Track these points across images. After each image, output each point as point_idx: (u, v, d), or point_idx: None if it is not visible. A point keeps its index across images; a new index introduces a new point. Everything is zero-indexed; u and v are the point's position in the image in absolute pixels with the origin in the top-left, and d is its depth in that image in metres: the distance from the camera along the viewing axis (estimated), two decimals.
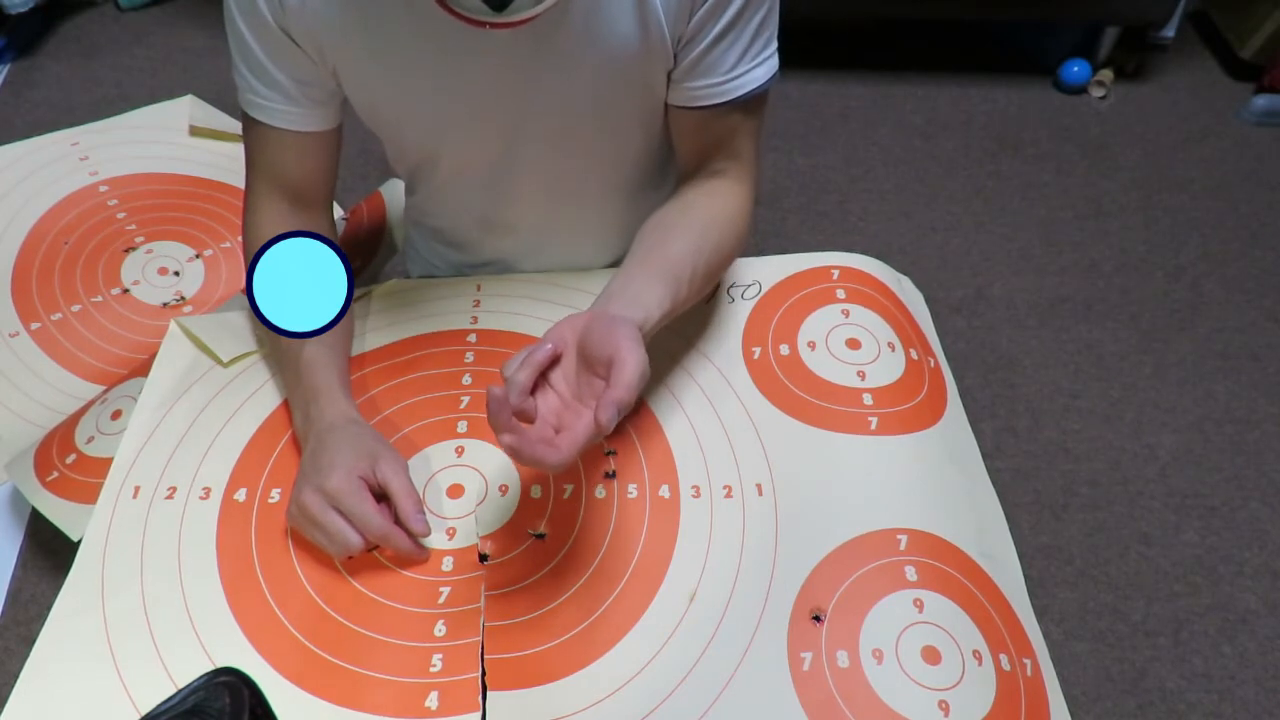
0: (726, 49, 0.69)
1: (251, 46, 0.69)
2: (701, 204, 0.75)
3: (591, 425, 0.54)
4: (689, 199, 0.76)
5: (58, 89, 2.08)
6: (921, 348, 0.84)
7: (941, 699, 0.59)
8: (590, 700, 0.59)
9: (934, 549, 0.67)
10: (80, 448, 0.90)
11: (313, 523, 0.63)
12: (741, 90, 0.71)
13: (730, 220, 0.76)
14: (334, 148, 0.79)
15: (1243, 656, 1.18)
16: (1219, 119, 2.12)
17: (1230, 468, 1.40)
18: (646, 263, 0.68)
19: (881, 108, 2.13)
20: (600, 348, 0.57)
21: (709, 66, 0.70)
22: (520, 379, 0.55)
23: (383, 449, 0.67)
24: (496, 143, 0.77)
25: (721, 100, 0.72)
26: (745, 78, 0.71)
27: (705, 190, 0.76)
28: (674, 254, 0.69)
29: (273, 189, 0.78)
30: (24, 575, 1.14)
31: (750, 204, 0.78)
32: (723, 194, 0.76)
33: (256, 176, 0.78)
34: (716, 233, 0.74)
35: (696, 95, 0.72)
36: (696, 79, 0.71)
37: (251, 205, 0.78)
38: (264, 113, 0.73)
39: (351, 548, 0.63)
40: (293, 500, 0.65)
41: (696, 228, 0.73)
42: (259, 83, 0.71)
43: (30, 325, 1.15)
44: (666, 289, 0.66)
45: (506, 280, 0.89)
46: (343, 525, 0.63)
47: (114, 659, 0.60)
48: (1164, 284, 1.72)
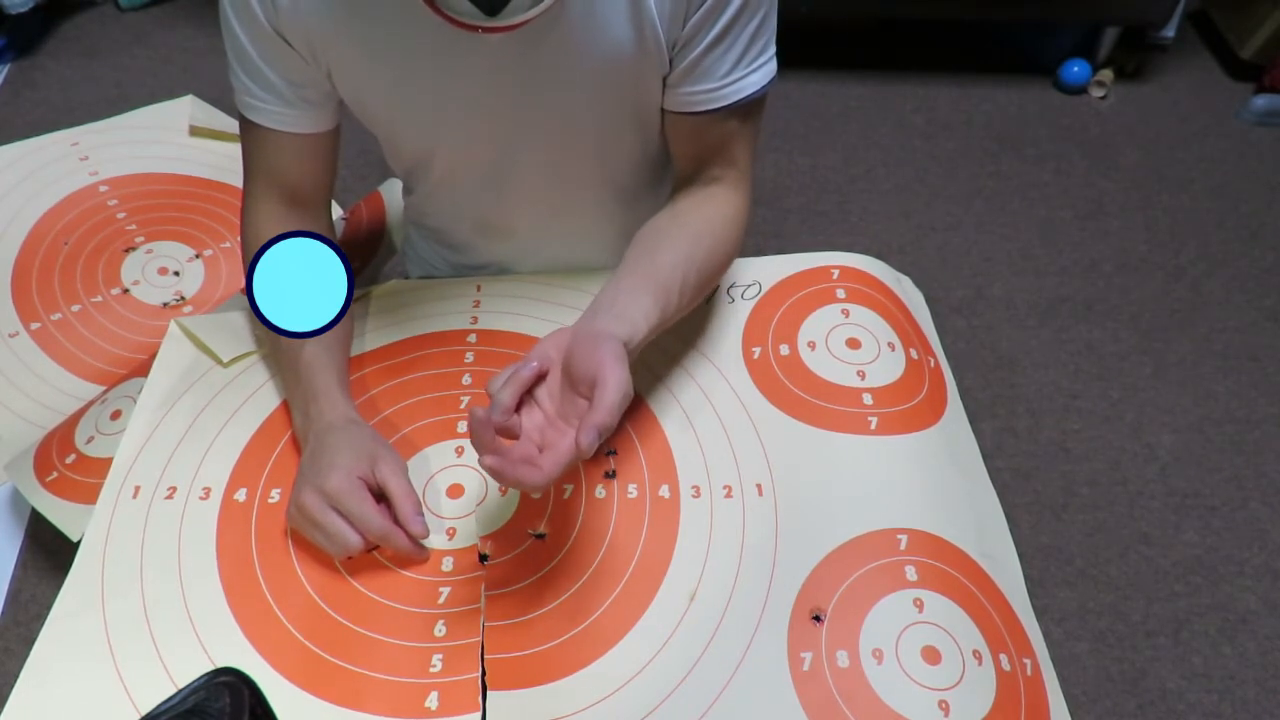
0: (722, 54, 0.69)
1: (246, 49, 0.69)
2: (694, 212, 0.75)
3: (573, 448, 0.54)
4: (681, 207, 0.76)
5: (58, 89, 2.08)
6: (922, 347, 0.84)
7: (941, 699, 0.59)
8: (590, 700, 0.59)
9: (934, 549, 0.67)
10: (80, 448, 0.90)
11: (312, 523, 0.63)
12: (737, 96, 0.71)
13: (724, 226, 0.75)
14: (331, 149, 0.79)
15: (1243, 656, 1.18)
16: (1219, 119, 2.12)
17: (1230, 468, 1.40)
18: (635, 273, 0.68)
19: (881, 108, 2.13)
20: (584, 366, 0.57)
21: (705, 72, 0.70)
22: (504, 398, 0.55)
23: (382, 450, 0.67)
24: (491, 145, 0.77)
25: (717, 106, 0.71)
26: (741, 83, 0.71)
27: (699, 198, 0.76)
28: (664, 264, 0.69)
29: (270, 190, 0.77)
30: (24, 575, 1.14)
31: (745, 211, 0.78)
32: (717, 201, 0.76)
33: (254, 177, 0.78)
34: (709, 240, 0.73)
35: (692, 101, 0.72)
36: (692, 84, 0.71)
37: (249, 206, 0.78)
38: (260, 115, 0.73)
39: (351, 548, 0.63)
40: (292, 501, 0.65)
41: (688, 236, 0.72)
42: (255, 85, 0.71)
43: (30, 325, 1.15)
44: (655, 301, 0.66)
45: (506, 281, 0.89)
46: (342, 525, 0.63)
47: (114, 659, 0.60)
48: (1164, 284, 1.72)
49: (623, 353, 0.58)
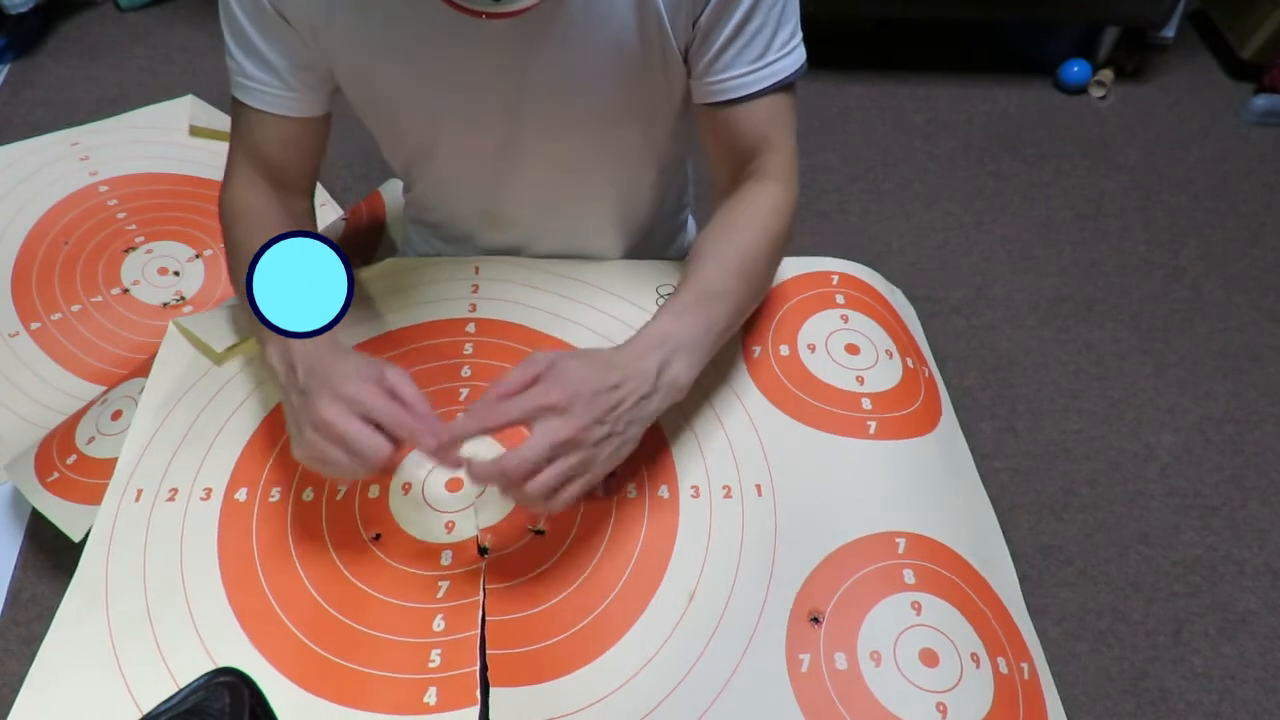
0: (750, 39, 0.68)
1: (246, 28, 0.69)
2: (730, 217, 0.73)
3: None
4: (719, 219, 0.74)
5: (58, 89, 2.08)
6: (916, 357, 0.85)
7: (939, 701, 0.59)
8: (589, 700, 0.59)
9: (932, 553, 0.67)
10: (81, 448, 0.90)
11: (338, 438, 0.57)
12: (772, 79, 0.70)
13: (769, 212, 0.72)
14: (320, 136, 0.79)
15: (1243, 656, 1.18)
16: (1219, 119, 2.12)
17: (1230, 468, 1.40)
18: (678, 295, 0.67)
19: (881, 108, 2.13)
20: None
21: (733, 59, 0.69)
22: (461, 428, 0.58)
23: (382, 361, 0.63)
24: (494, 133, 0.77)
25: (750, 91, 0.70)
26: (775, 66, 0.70)
27: (736, 199, 0.74)
28: (706, 274, 0.68)
29: (253, 168, 0.77)
30: (24, 575, 1.14)
31: (788, 198, 0.74)
32: (755, 193, 0.73)
33: (238, 154, 0.77)
34: (752, 237, 0.71)
35: (724, 88, 0.71)
36: (719, 73, 0.70)
37: (230, 181, 0.77)
38: (252, 95, 0.73)
39: (381, 458, 0.57)
40: (305, 425, 0.59)
41: (729, 241, 0.71)
42: (251, 65, 0.71)
43: (30, 325, 1.15)
44: (698, 316, 0.65)
45: (505, 264, 0.89)
46: (370, 433, 0.57)
47: (118, 663, 0.60)
48: (1164, 284, 1.72)
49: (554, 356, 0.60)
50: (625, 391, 0.60)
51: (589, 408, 0.57)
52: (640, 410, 0.61)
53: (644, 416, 0.62)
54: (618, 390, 0.59)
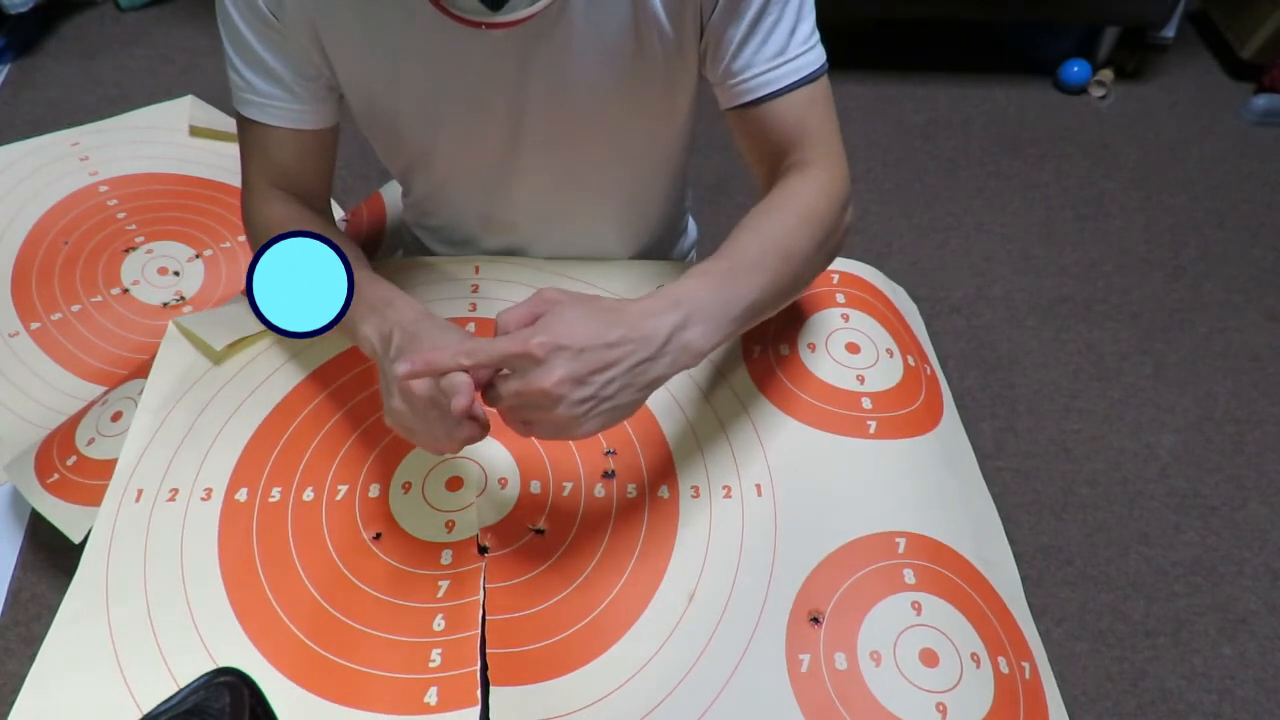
0: (767, 34, 0.67)
1: (249, 41, 0.69)
2: (770, 201, 0.69)
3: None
4: (759, 205, 0.69)
5: (58, 89, 2.08)
6: (918, 356, 0.84)
7: (939, 701, 0.59)
8: (589, 699, 0.59)
9: (932, 552, 0.67)
10: (81, 449, 0.90)
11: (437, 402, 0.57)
12: (796, 75, 0.69)
13: (813, 192, 0.68)
14: (331, 147, 0.79)
15: (1243, 656, 1.18)
16: (1219, 119, 2.12)
17: (1230, 468, 1.40)
18: (709, 261, 0.62)
19: (881, 108, 2.13)
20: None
21: (752, 55, 0.68)
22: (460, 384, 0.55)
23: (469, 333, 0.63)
24: (494, 139, 0.77)
25: (776, 88, 0.69)
26: (797, 62, 0.69)
27: (776, 188, 0.70)
28: (741, 245, 0.63)
29: (272, 182, 0.77)
30: (24, 575, 1.14)
31: (833, 182, 0.70)
32: (795, 180, 0.70)
33: (253, 171, 0.77)
34: (792, 214, 0.67)
35: (748, 87, 0.69)
36: (742, 71, 0.69)
37: (251, 200, 0.77)
38: (260, 111, 0.72)
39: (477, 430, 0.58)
40: (394, 393, 0.58)
41: (768, 219, 0.66)
42: (256, 78, 0.71)
43: (30, 325, 1.15)
44: (725, 283, 0.60)
45: (505, 264, 0.89)
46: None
47: (119, 663, 0.60)
48: (1164, 284, 1.72)
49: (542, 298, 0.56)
50: (621, 352, 0.54)
51: (570, 363, 0.52)
52: (637, 375, 0.55)
53: (642, 383, 0.56)
54: (612, 350, 0.54)
